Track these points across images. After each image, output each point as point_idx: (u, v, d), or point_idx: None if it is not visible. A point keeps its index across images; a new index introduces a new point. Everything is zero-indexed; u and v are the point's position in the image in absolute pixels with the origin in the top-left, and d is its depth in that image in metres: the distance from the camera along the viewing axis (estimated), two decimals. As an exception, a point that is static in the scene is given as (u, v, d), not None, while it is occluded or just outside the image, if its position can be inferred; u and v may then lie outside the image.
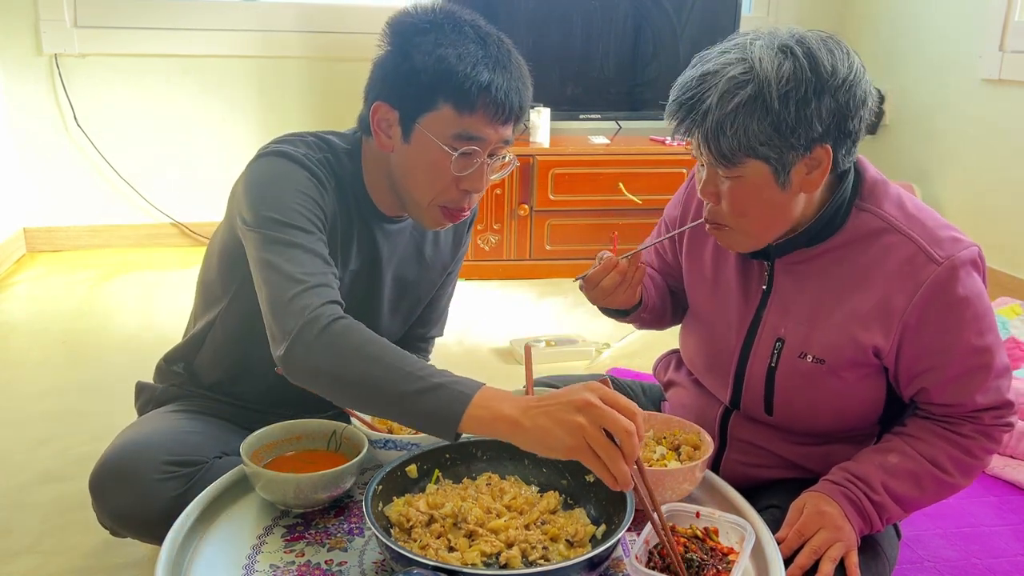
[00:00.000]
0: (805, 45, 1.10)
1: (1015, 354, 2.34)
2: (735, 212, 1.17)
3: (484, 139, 1.24)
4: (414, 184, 1.29)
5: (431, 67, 1.21)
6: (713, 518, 1.09)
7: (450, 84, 1.21)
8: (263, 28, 3.55)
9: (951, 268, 1.14)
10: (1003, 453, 1.96)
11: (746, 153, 1.10)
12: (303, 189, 1.24)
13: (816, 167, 1.13)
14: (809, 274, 1.23)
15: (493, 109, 1.22)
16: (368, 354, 1.04)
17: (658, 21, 3.55)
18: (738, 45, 1.12)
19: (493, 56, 1.23)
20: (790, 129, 1.08)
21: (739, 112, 1.08)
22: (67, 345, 2.61)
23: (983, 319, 1.16)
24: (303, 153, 1.28)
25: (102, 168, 3.60)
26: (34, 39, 3.42)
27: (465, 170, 1.26)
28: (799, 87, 1.07)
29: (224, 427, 1.41)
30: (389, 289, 1.46)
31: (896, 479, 1.18)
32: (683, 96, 1.13)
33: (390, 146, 1.28)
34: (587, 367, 2.54)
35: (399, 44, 1.25)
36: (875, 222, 1.19)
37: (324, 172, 1.29)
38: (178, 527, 1.09)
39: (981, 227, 3.33)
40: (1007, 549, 1.65)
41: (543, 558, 1.03)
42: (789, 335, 1.24)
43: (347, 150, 1.35)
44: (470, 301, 3.12)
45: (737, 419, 1.35)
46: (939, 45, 3.51)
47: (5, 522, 1.69)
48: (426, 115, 1.23)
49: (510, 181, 3.30)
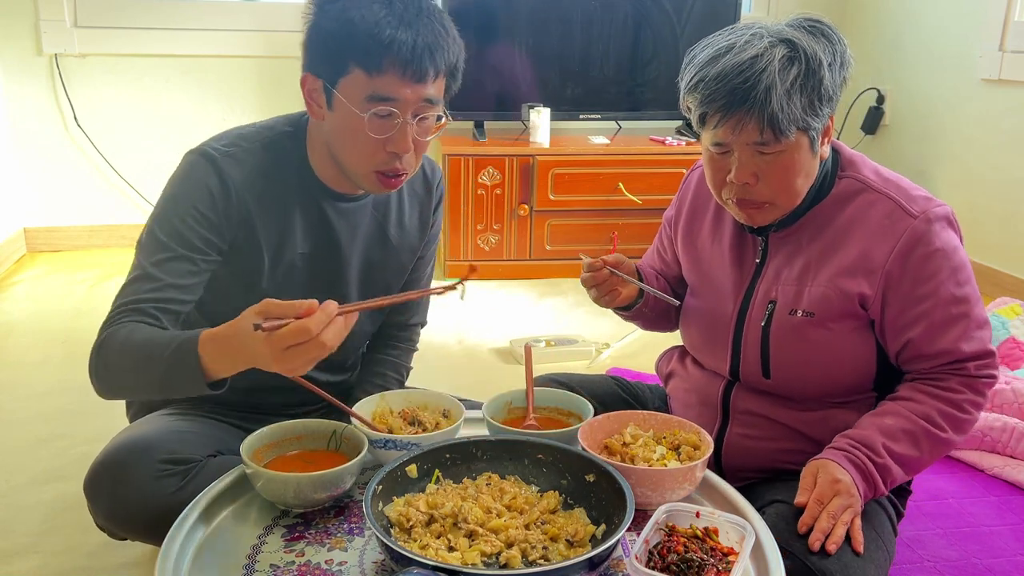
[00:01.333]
0: (822, 24, 1.23)
1: (1015, 354, 2.34)
2: (775, 187, 1.25)
3: (398, 99, 1.23)
4: (343, 151, 1.30)
5: (337, 31, 1.22)
6: (713, 518, 1.09)
7: (354, 46, 1.21)
8: (263, 28, 3.55)
9: (927, 221, 1.24)
10: (1003, 453, 1.96)
11: (798, 126, 1.20)
12: (198, 204, 1.28)
13: (827, 134, 1.27)
14: (799, 241, 1.32)
15: (401, 67, 1.21)
16: (125, 364, 1.19)
17: (658, 21, 3.55)
18: (761, 31, 1.21)
19: (398, 13, 1.21)
20: (828, 99, 1.21)
21: (795, 87, 1.17)
22: (67, 345, 2.61)
23: (960, 271, 1.26)
24: (226, 151, 1.31)
25: (102, 168, 3.60)
26: (34, 39, 3.42)
27: (385, 132, 1.25)
28: (835, 59, 1.21)
29: (217, 426, 1.41)
30: (356, 271, 1.45)
31: (895, 440, 1.23)
32: (736, 81, 1.17)
33: (320, 115, 1.29)
34: (587, 367, 2.54)
35: (315, 12, 1.26)
36: (855, 185, 1.31)
37: (251, 163, 1.31)
38: (178, 527, 1.09)
39: (981, 227, 3.33)
40: (1007, 549, 1.65)
41: (543, 558, 1.03)
42: (780, 295, 1.32)
43: (290, 132, 1.36)
44: (470, 301, 3.12)
45: (738, 391, 1.40)
46: (939, 45, 3.51)
47: (5, 522, 1.69)
48: (341, 80, 1.24)
49: (510, 181, 3.31)
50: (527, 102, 3.46)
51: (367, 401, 1.32)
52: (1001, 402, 2.04)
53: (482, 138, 3.44)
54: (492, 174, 3.29)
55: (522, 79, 3.52)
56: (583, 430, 1.24)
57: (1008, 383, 2.07)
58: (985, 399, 1.28)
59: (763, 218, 1.31)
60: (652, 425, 1.30)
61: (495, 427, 1.29)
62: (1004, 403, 2.04)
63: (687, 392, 1.46)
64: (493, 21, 3.44)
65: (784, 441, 1.36)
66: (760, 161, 1.23)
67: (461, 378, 2.43)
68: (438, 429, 1.28)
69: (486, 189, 3.31)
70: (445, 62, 1.27)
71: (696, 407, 1.43)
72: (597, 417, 1.29)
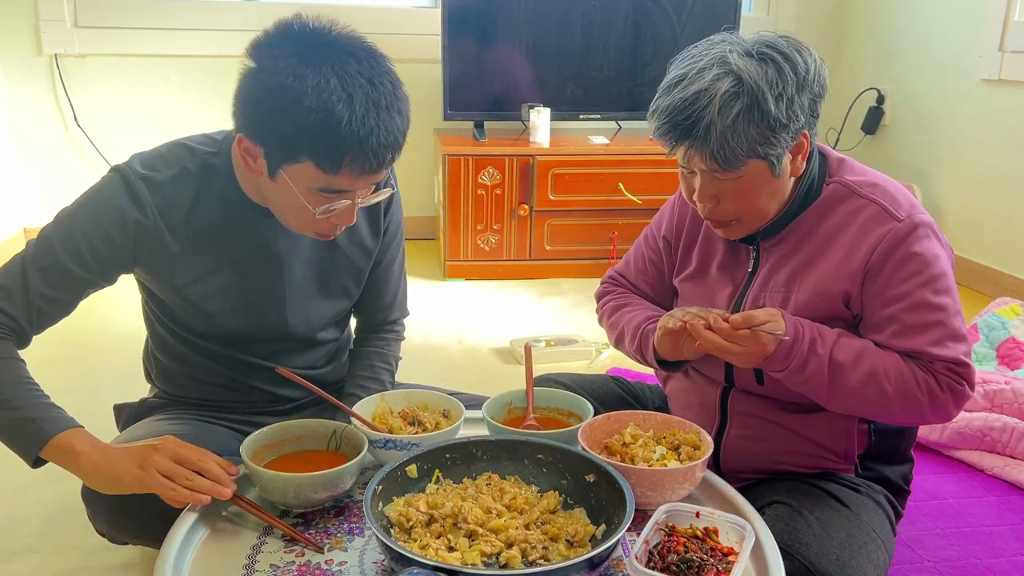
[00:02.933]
0: (777, 49, 1.20)
1: (1015, 354, 2.34)
2: (738, 208, 1.27)
3: (350, 190, 1.20)
4: (280, 214, 1.27)
5: (291, 120, 1.13)
6: (713, 518, 1.09)
7: (311, 143, 1.14)
8: (263, 28, 3.55)
9: (911, 225, 1.24)
10: (1003, 453, 1.96)
11: (748, 156, 1.20)
12: (106, 224, 1.25)
13: (799, 152, 1.25)
14: (789, 249, 1.32)
15: (359, 168, 1.16)
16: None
17: (658, 21, 3.55)
18: (713, 59, 1.19)
19: (360, 115, 1.13)
20: (782, 126, 1.19)
21: (739, 121, 1.17)
22: (67, 345, 2.60)
23: (938, 280, 1.24)
24: (144, 174, 1.27)
25: (102, 168, 3.60)
26: (34, 39, 3.42)
27: (331, 211, 1.22)
28: (786, 87, 1.18)
29: (211, 429, 1.41)
30: (306, 277, 1.41)
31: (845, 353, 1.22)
32: (678, 118, 1.20)
33: (257, 172, 1.23)
34: (587, 367, 2.54)
35: (260, 75, 1.17)
36: (841, 190, 1.30)
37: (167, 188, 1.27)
38: (178, 527, 1.10)
39: (981, 227, 3.34)
40: (1007, 549, 1.65)
41: (543, 558, 1.04)
42: (767, 302, 1.32)
43: (212, 154, 1.32)
44: (470, 301, 3.12)
45: (736, 395, 1.39)
46: (939, 45, 3.51)
47: (5, 522, 1.69)
48: (289, 165, 1.18)
49: (510, 181, 3.31)
50: (527, 102, 3.46)
51: (367, 401, 1.32)
52: (1001, 402, 2.04)
53: (482, 138, 3.44)
54: (492, 174, 3.29)
55: (522, 79, 3.52)
56: (583, 430, 1.24)
57: (1008, 383, 2.07)
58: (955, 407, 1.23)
59: (734, 233, 1.32)
60: (652, 425, 1.30)
61: (495, 427, 1.29)
62: (1004, 403, 2.04)
63: (686, 393, 1.46)
64: (493, 21, 3.45)
65: (783, 442, 1.36)
66: (719, 184, 1.24)
67: (461, 378, 2.43)
68: (438, 429, 1.29)
69: (486, 189, 3.31)
70: (399, 150, 1.21)
71: (695, 408, 1.43)
72: (597, 417, 1.29)
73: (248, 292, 1.36)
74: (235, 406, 1.45)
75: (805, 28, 4.06)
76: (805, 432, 1.34)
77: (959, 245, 3.45)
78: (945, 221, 3.51)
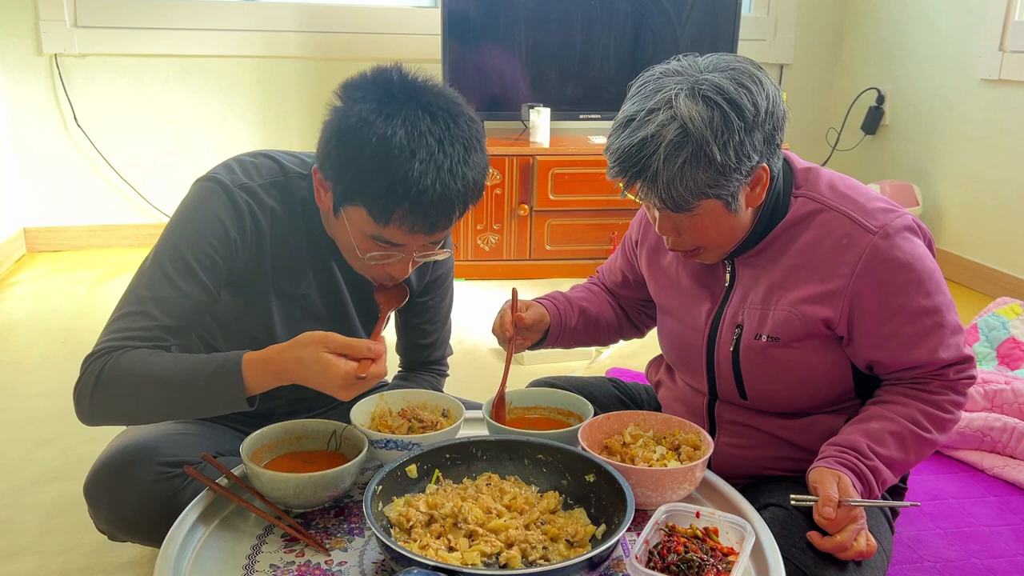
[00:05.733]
0: (725, 93, 1.15)
1: (1015, 354, 2.34)
2: (695, 241, 1.26)
3: (403, 245, 1.21)
4: (342, 249, 1.29)
5: (352, 164, 1.15)
6: (713, 518, 1.09)
7: (365, 191, 1.15)
8: (263, 28, 3.55)
9: (886, 236, 1.21)
10: (1003, 453, 1.96)
11: (698, 198, 1.19)
12: (211, 237, 1.24)
13: (757, 184, 1.22)
14: (764, 263, 1.30)
15: (411, 224, 1.16)
16: (141, 390, 1.18)
17: (658, 21, 3.55)
18: (662, 101, 1.17)
19: (417, 169, 1.12)
20: (733, 168, 1.16)
21: (685, 169, 1.15)
22: (67, 345, 2.60)
23: (928, 280, 1.23)
24: (240, 184, 1.27)
25: (102, 168, 3.60)
26: (34, 39, 3.42)
27: (384, 260, 1.23)
28: (733, 134, 1.15)
29: (214, 428, 1.41)
30: (356, 314, 1.42)
31: (881, 443, 1.23)
32: (627, 163, 1.19)
33: (326, 205, 1.25)
34: (587, 367, 2.54)
35: (339, 111, 1.18)
36: (810, 204, 1.28)
37: (264, 200, 1.27)
38: (178, 527, 1.10)
39: (981, 227, 3.34)
40: (1007, 549, 1.65)
41: (543, 558, 1.04)
42: (746, 320, 1.31)
43: (302, 175, 1.32)
44: (470, 301, 3.12)
45: (721, 405, 1.39)
46: (939, 45, 3.51)
47: (5, 522, 1.69)
48: (348, 206, 1.20)
49: (510, 181, 3.31)
50: (527, 102, 3.46)
51: (367, 401, 1.32)
52: (1001, 402, 2.04)
53: (482, 138, 3.44)
54: (492, 174, 3.29)
55: (522, 79, 3.52)
56: (583, 430, 1.24)
57: (1008, 383, 2.07)
58: (966, 399, 1.28)
59: (703, 259, 1.31)
60: (652, 425, 1.30)
61: (495, 427, 1.29)
62: (1004, 403, 2.04)
63: (675, 401, 1.47)
64: (493, 21, 3.45)
65: (771, 448, 1.36)
66: (676, 220, 1.24)
67: (461, 378, 2.43)
68: (438, 429, 1.28)
69: (486, 189, 3.30)
70: (456, 215, 1.19)
71: (684, 415, 1.43)
72: (597, 417, 1.29)
73: (308, 325, 1.30)
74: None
75: (805, 28, 4.06)
76: (793, 438, 1.34)
77: (959, 245, 3.45)
78: (945, 221, 3.51)
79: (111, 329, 1.23)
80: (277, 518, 1.14)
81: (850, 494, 1.16)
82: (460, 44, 3.40)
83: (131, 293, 1.25)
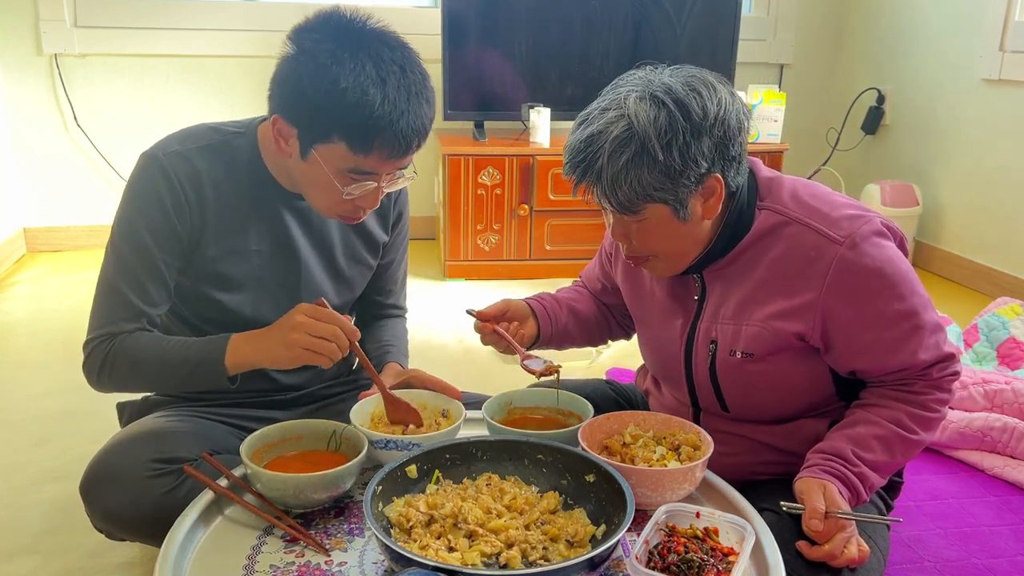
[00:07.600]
0: (673, 95, 1.16)
1: (1015, 354, 2.34)
2: (647, 248, 1.26)
3: (378, 172, 1.25)
4: (308, 194, 1.32)
5: (326, 101, 1.18)
6: (713, 518, 1.09)
7: (344, 123, 1.19)
8: (263, 28, 3.55)
9: (852, 245, 1.20)
10: (1003, 453, 1.96)
11: (644, 200, 1.19)
12: (151, 211, 1.30)
13: (711, 195, 1.21)
14: (733, 277, 1.30)
15: (388, 151, 1.22)
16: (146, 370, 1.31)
17: (658, 21, 3.55)
18: (615, 101, 1.18)
19: (392, 98, 1.19)
20: (678, 172, 1.16)
21: (630, 167, 1.16)
22: (67, 345, 2.60)
23: (901, 284, 1.21)
24: (172, 151, 1.31)
25: (102, 168, 3.60)
26: (34, 39, 3.42)
27: (357, 192, 1.27)
28: (677, 135, 1.15)
29: (209, 425, 1.41)
30: (316, 267, 1.45)
31: (867, 448, 1.22)
32: (575, 159, 1.21)
33: (288, 153, 1.28)
34: (587, 367, 2.54)
35: (300, 57, 1.22)
36: (774, 217, 1.26)
37: (196, 164, 1.31)
38: (178, 527, 1.10)
39: (981, 227, 3.33)
40: (1007, 549, 1.65)
41: (543, 558, 1.04)
42: (720, 336, 1.30)
43: (240, 133, 1.36)
44: (470, 301, 3.12)
45: (706, 414, 1.40)
46: (939, 45, 3.51)
47: (5, 522, 1.69)
48: (320, 144, 1.23)
49: (510, 181, 3.31)
50: (527, 102, 3.46)
51: (367, 401, 1.32)
52: (1001, 402, 2.04)
53: (482, 138, 3.44)
54: (492, 174, 3.29)
55: (522, 79, 3.52)
56: (583, 430, 1.24)
57: (1008, 383, 2.07)
58: (951, 395, 1.27)
59: (655, 270, 1.32)
60: (652, 425, 1.30)
61: (495, 427, 1.29)
62: (1004, 403, 2.04)
63: (663, 410, 1.46)
64: (493, 21, 3.44)
65: (759, 454, 1.36)
66: (626, 224, 1.24)
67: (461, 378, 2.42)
68: (438, 429, 1.28)
69: (486, 189, 3.31)
70: (425, 137, 1.26)
71: None
72: (597, 417, 1.29)
73: (265, 279, 1.40)
74: (235, 397, 1.45)
75: (805, 28, 4.06)
76: (779, 443, 1.34)
77: (959, 245, 3.45)
78: (945, 221, 3.51)
79: (98, 315, 1.33)
80: (277, 518, 1.14)
81: (837, 503, 1.15)
82: (460, 44, 3.40)
83: (103, 278, 1.33)
